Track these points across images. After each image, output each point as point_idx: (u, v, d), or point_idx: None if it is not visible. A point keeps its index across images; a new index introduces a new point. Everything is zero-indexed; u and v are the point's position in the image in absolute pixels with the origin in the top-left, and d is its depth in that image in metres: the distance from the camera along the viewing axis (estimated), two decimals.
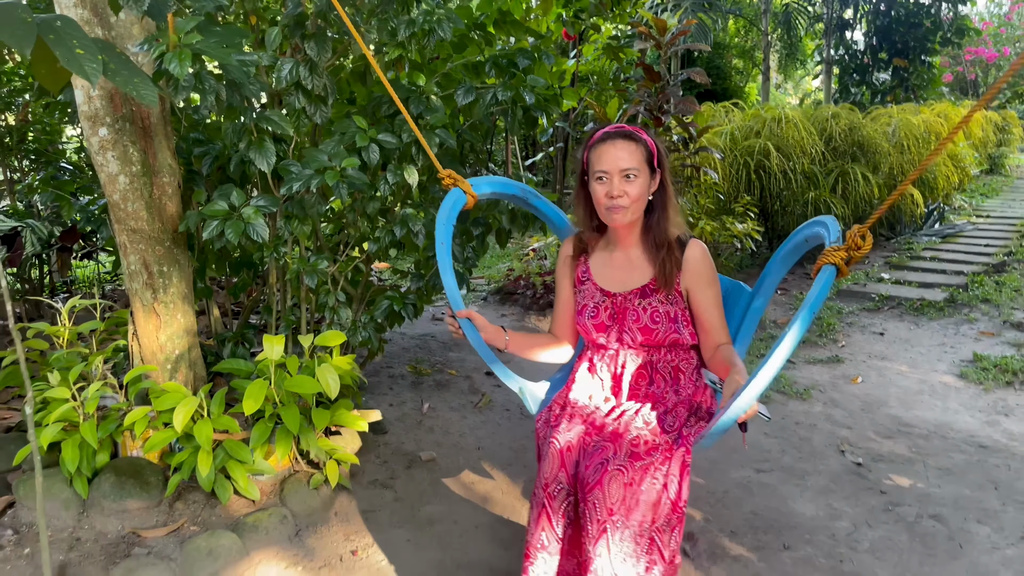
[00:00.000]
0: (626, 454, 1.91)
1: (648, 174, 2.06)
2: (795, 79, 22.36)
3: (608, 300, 2.17)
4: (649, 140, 2.07)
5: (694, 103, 5.34)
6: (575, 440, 2.00)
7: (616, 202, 2.03)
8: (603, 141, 2.06)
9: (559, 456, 1.97)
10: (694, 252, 2.11)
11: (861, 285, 6.31)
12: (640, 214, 2.11)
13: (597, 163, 2.05)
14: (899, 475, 3.15)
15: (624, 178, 2.02)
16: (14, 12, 1.90)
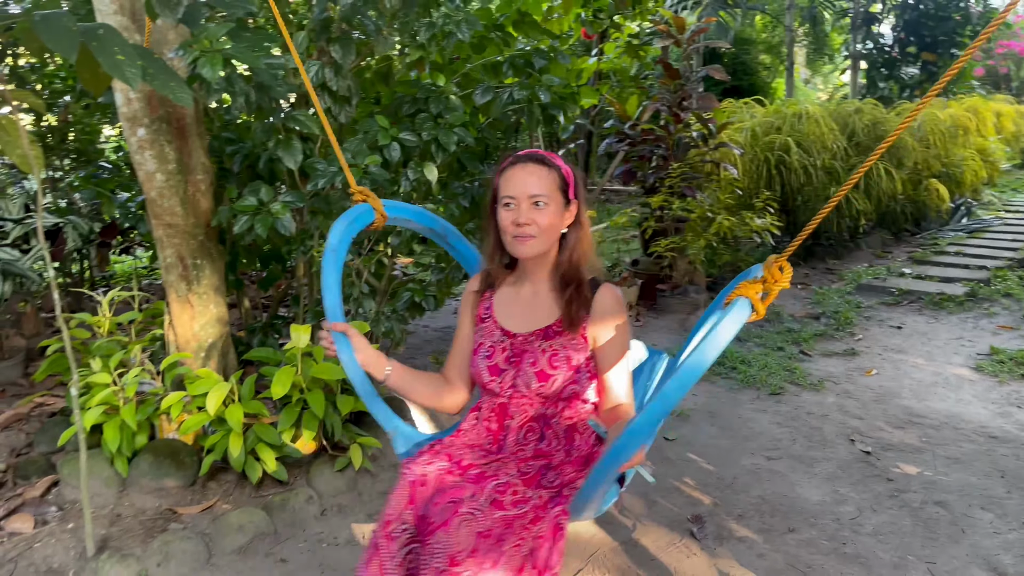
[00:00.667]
0: (487, 499, 1.62)
1: (561, 203, 1.84)
2: (823, 74, 22.18)
3: (508, 340, 1.92)
4: (564, 167, 1.87)
5: (713, 100, 5.42)
6: (432, 475, 1.72)
7: (523, 230, 1.80)
8: (513, 165, 1.85)
9: (409, 489, 1.69)
10: (605, 296, 1.87)
11: (882, 280, 6.34)
12: (551, 247, 1.87)
13: (505, 188, 1.84)
14: (907, 463, 3.22)
15: (533, 205, 1.79)
16: (60, 22, 2.06)
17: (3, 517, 2.74)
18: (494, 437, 1.90)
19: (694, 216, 5.30)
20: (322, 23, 2.89)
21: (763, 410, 3.82)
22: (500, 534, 1.56)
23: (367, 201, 2.07)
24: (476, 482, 1.68)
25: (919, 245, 8.03)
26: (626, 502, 2.94)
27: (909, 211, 8.39)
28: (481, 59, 3.65)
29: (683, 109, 5.47)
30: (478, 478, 1.70)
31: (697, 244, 5.20)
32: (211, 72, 2.32)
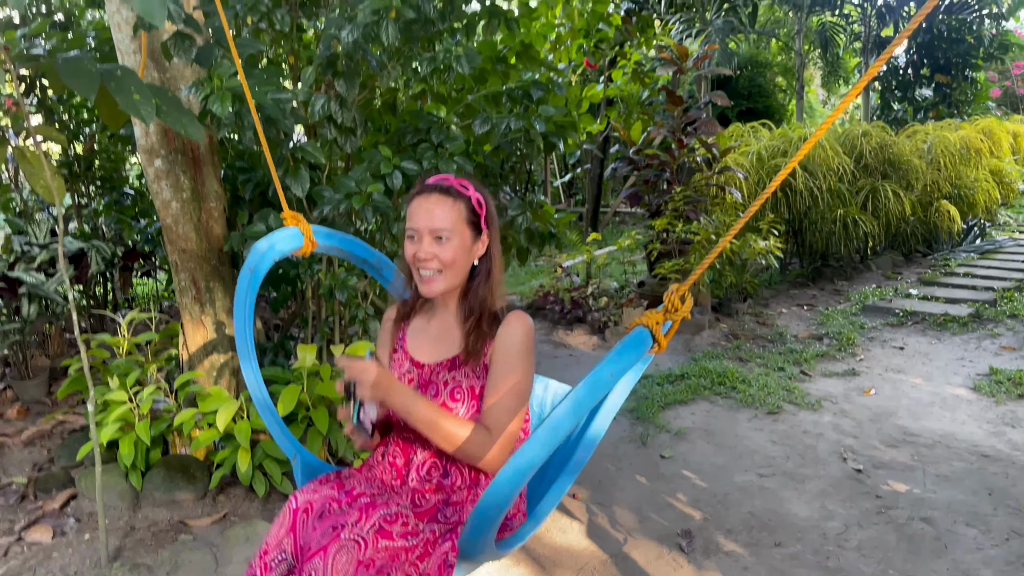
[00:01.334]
0: (373, 527, 1.54)
1: (469, 236, 1.75)
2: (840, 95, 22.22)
3: (416, 371, 1.84)
4: (474, 196, 1.76)
5: (716, 125, 5.54)
6: (318, 501, 1.66)
7: (425, 265, 1.73)
8: (419, 194, 1.77)
9: (291, 516, 1.63)
10: (510, 324, 1.76)
11: (887, 301, 6.39)
12: (458, 281, 1.79)
13: (409, 218, 1.76)
14: (897, 481, 3.29)
15: (435, 239, 1.71)
16: (81, 64, 2.23)
17: (24, 528, 2.89)
18: (398, 473, 1.81)
19: (698, 239, 5.41)
20: (328, 59, 3.05)
21: (760, 429, 3.90)
22: (383, 566, 1.50)
23: (296, 225, 2.05)
24: (364, 510, 1.59)
25: (930, 266, 8.06)
26: (618, 516, 3.04)
27: (920, 232, 8.43)
28: (484, 90, 3.80)
29: (687, 135, 5.60)
30: (367, 507, 1.62)
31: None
32: (220, 108, 2.49)
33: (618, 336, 5.53)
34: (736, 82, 15.20)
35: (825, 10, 13.32)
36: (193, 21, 2.50)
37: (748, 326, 5.85)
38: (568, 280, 6.51)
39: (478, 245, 1.78)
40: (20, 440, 3.66)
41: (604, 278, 6.92)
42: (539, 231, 3.67)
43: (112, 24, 2.97)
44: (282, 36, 3.34)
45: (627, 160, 5.82)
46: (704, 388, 4.46)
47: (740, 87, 15.25)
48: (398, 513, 1.61)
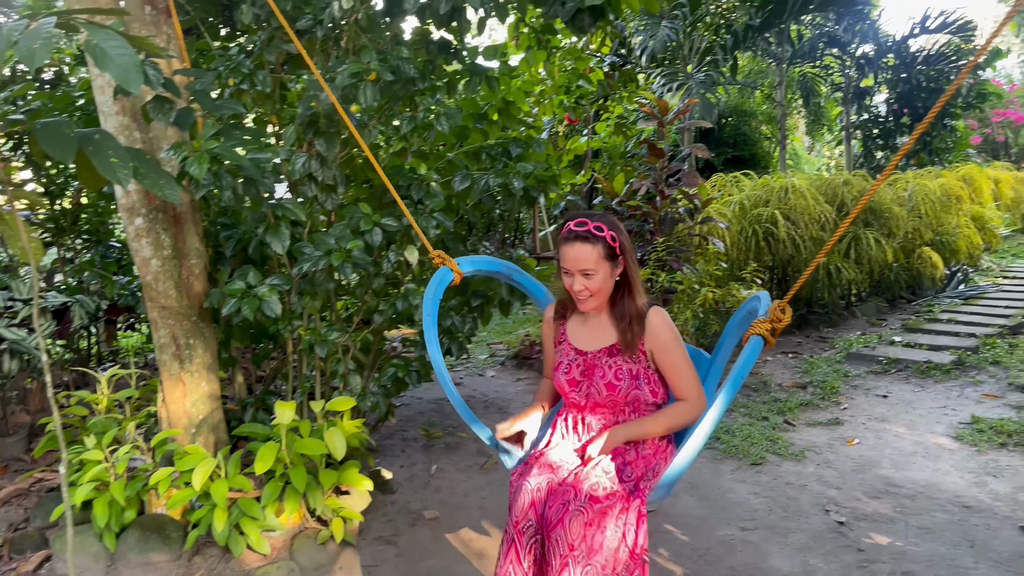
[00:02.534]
0: (586, 497, 2.08)
1: (609, 267, 2.28)
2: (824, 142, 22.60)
3: (580, 358, 2.39)
4: (608, 235, 2.26)
5: (697, 177, 5.63)
6: (544, 484, 2.18)
7: (579, 295, 2.30)
8: (566, 240, 2.29)
9: (530, 496, 2.15)
10: (654, 319, 2.33)
11: (871, 348, 6.42)
12: (605, 296, 2.34)
13: (563, 260, 2.30)
14: (879, 533, 3.28)
15: (584, 275, 2.26)
16: (59, 129, 2.27)
17: None
18: (580, 443, 2.37)
19: (682, 288, 5.45)
20: (308, 119, 3.11)
21: (743, 480, 3.89)
22: (600, 522, 2.05)
23: (445, 263, 2.57)
24: (573, 486, 2.13)
25: (914, 312, 8.11)
26: None
27: (904, 279, 8.52)
28: (465, 146, 3.86)
29: (669, 185, 5.68)
30: (575, 483, 2.15)
31: (684, 315, 5.33)
32: (198, 170, 2.52)
33: None
34: (721, 131, 15.43)
35: (806, 62, 13.62)
36: (172, 85, 2.55)
37: None
38: None
39: (617, 269, 2.32)
40: None
41: None
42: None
43: (95, 86, 3.02)
44: (264, 97, 3.40)
45: (610, 211, 5.88)
46: None
47: (726, 136, 15.48)
48: (596, 482, 2.13)
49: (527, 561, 2.11)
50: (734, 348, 2.54)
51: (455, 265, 2.59)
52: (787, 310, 1.97)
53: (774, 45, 11.47)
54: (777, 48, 11.48)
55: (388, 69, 2.94)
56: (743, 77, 15.59)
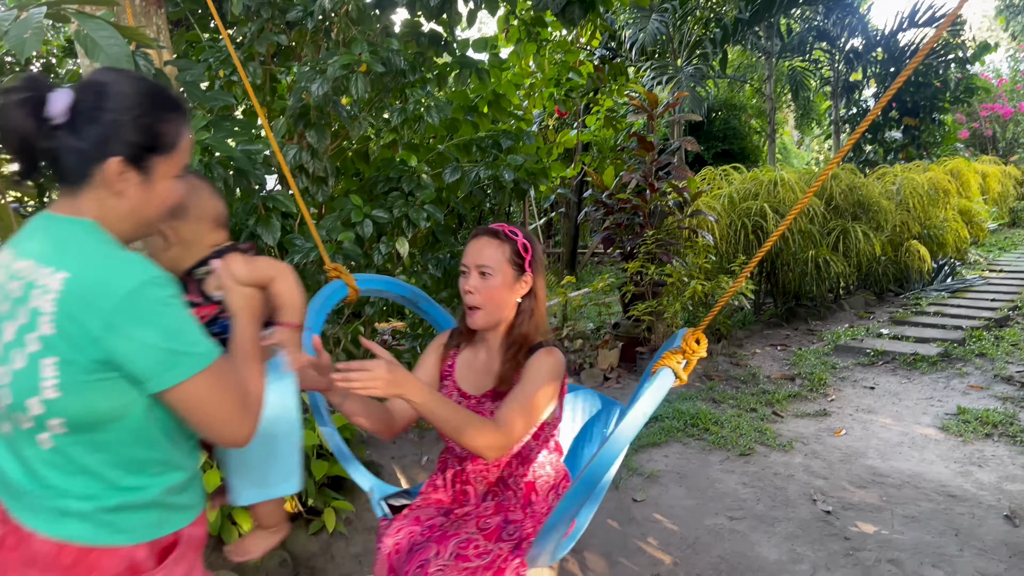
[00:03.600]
0: (452, 555, 1.76)
1: (512, 275, 1.94)
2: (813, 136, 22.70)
3: (464, 401, 2.02)
4: (521, 241, 1.96)
5: (686, 170, 5.65)
6: (404, 540, 1.88)
7: (468, 298, 1.94)
8: (474, 237, 2.00)
9: (385, 561, 1.86)
10: (538, 355, 1.93)
11: (859, 340, 6.48)
12: (503, 317, 1.98)
13: (464, 257, 1.99)
14: (865, 522, 3.32)
15: (480, 274, 1.93)
16: None
17: None
18: (457, 499, 2.04)
19: (671, 280, 5.48)
20: (299, 111, 3.12)
21: (731, 471, 3.93)
22: None
23: (340, 277, 2.26)
24: (440, 541, 1.80)
25: (901, 305, 8.18)
26: (589, 562, 3.04)
27: (892, 272, 8.58)
28: (456, 138, 3.88)
29: (659, 179, 5.71)
30: (441, 537, 1.83)
31: (673, 308, 5.37)
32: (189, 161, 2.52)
33: (594, 378, 5.56)
34: (711, 124, 15.48)
35: (795, 56, 13.67)
36: (163, 76, 2.55)
37: (722, 367, 5.90)
38: None
39: (520, 284, 1.97)
40: None
41: (580, 320, 6.96)
42: None
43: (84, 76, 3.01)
44: (254, 88, 3.40)
45: (600, 204, 5.91)
46: (677, 430, 4.49)
47: (715, 129, 15.53)
48: (469, 539, 1.82)
49: None
50: None
51: (352, 280, 2.29)
52: (701, 340, 1.66)
53: (763, 39, 11.51)
54: (766, 42, 11.52)
55: (379, 61, 2.95)
56: (732, 71, 15.63)
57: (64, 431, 1.17)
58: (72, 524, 1.19)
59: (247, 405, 1.29)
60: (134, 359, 1.14)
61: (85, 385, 1.14)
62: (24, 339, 1.14)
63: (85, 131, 1.19)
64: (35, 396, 1.14)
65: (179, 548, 1.30)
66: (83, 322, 1.12)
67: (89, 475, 1.20)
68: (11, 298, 1.18)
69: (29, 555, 1.19)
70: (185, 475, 1.32)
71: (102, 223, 1.23)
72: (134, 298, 1.13)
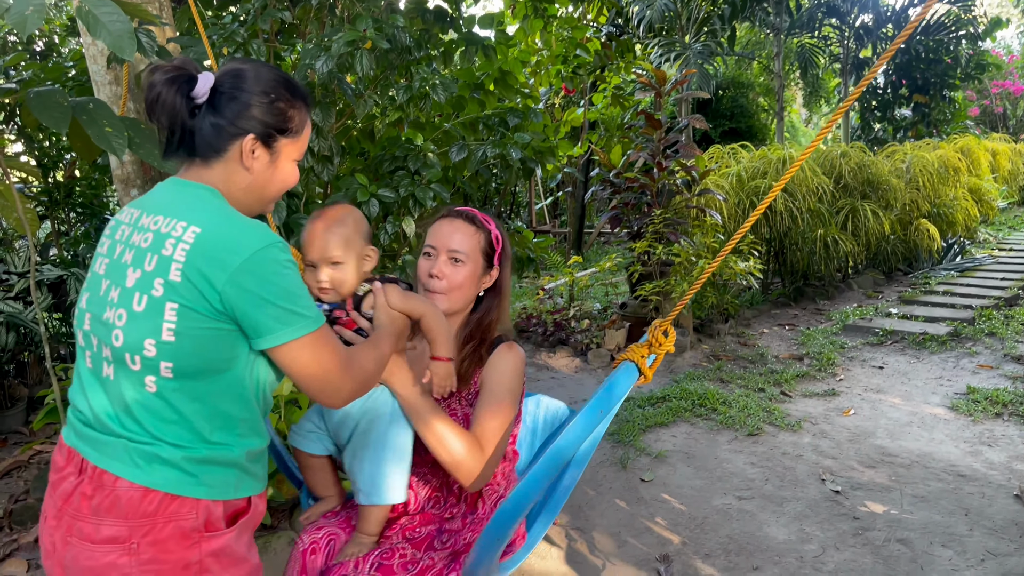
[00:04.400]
0: (372, 567, 1.57)
1: (481, 265, 1.80)
2: (821, 115, 22.50)
3: None
4: (495, 232, 1.84)
5: (694, 148, 5.60)
6: (322, 540, 1.72)
7: (433, 283, 1.76)
8: (444, 217, 1.85)
9: (300, 560, 1.70)
10: (501, 353, 1.77)
11: (867, 320, 6.44)
12: (462, 308, 1.83)
13: (429, 237, 1.82)
14: (874, 502, 3.31)
15: (450, 260, 1.76)
16: (52, 97, 2.25)
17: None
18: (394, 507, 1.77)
19: (679, 260, 5.44)
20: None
21: (739, 451, 3.92)
22: None
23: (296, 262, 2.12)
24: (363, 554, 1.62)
25: (910, 284, 8.13)
26: (597, 542, 3.04)
27: (901, 251, 8.52)
28: (462, 117, 3.84)
29: (667, 157, 5.66)
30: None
31: (680, 287, 5.33)
32: None
33: (600, 359, 5.55)
34: (719, 103, 15.36)
35: (804, 32, 13.51)
36: (166, 53, 2.52)
37: (729, 347, 5.88)
38: (551, 302, 6.53)
39: (487, 277, 1.85)
40: None
41: (587, 300, 6.94)
42: (518, 256, 3.69)
43: (88, 56, 2.98)
44: None
45: (607, 183, 5.87)
46: (685, 410, 4.48)
47: (723, 108, 15.41)
48: (393, 548, 1.64)
49: None
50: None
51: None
52: (670, 332, 1.55)
53: (772, 15, 11.37)
54: (775, 18, 11.38)
55: (384, 38, 2.91)
56: (741, 48, 15.48)
57: (169, 376, 1.24)
58: (162, 470, 1.24)
59: (352, 374, 1.36)
60: (253, 314, 1.22)
61: (200, 333, 1.22)
62: (151, 283, 1.22)
63: (225, 110, 1.32)
64: (151, 338, 1.22)
65: (248, 515, 1.36)
66: (209, 274, 1.20)
67: (183, 424, 1.26)
68: (137, 247, 1.27)
69: (110, 501, 1.23)
70: (263, 443, 1.39)
71: (226, 195, 1.34)
72: (259, 258, 1.22)
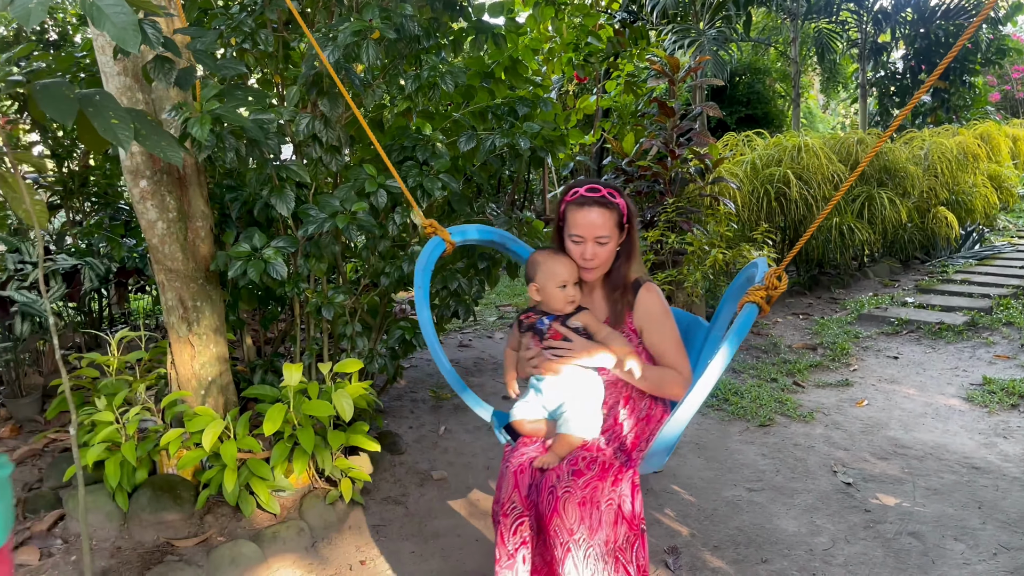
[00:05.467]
0: (569, 473, 2.04)
1: (618, 235, 2.25)
2: (839, 100, 22.24)
3: None
4: (622, 203, 2.24)
5: (708, 136, 5.54)
6: (527, 462, 2.16)
7: (588, 263, 2.23)
8: (581, 205, 2.22)
9: (512, 478, 2.13)
10: (645, 294, 2.29)
11: (883, 309, 6.38)
12: (609, 265, 2.29)
13: (573, 226, 2.23)
14: (886, 494, 3.28)
15: (597, 243, 2.20)
16: (59, 90, 2.25)
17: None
18: None
19: (692, 249, 5.40)
20: (312, 79, 3.07)
21: (751, 442, 3.89)
22: (592, 498, 1.99)
23: (437, 233, 2.52)
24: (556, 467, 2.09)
25: (927, 273, 8.04)
26: None
27: (918, 239, 8.43)
28: (472, 106, 3.81)
29: (680, 145, 5.60)
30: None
31: (693, 277, 5.29)
32: (200, 131, 2.50)
33: None
34: (735, 89, 15.18)
35: (821, 17, 13.32)
36: (172, 45, 2.51)
37: None
38: None
39: (622, 237, 2.28)
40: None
41: None
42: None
43: (96, 47, 2.99)
44: (266, 56, 3.36)
45: (620, 171, 5.82)
46: None
47: (739, 94, 15.23)
48: (577, 455, 2.11)
49: (512, 543, 2.08)
50: (731, 317, 2.46)
51: (447, 235, 2.53)
52: (783, 277, 1.88)
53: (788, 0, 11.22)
54: (791, 3, 11.22)
55: (392, 27, 2.88)
56: (756, 34, 15.29)
57: None
58: None
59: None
60: None
61: None
62: None
63: None
64: None
65: None
66: None
67: None
68: None
69: None
70: None
71: None
72: None
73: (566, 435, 2.17)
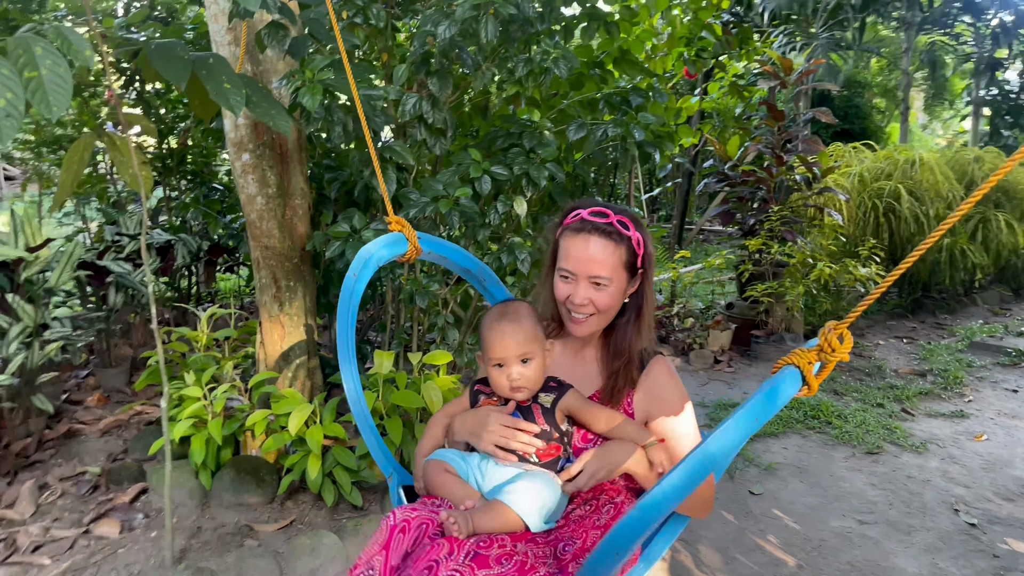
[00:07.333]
0: (468, 555, 1.38)
1: (625, 279, 1.66)
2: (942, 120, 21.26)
3: None
4: (635, 237, 1.65)
5: (818, 143, 5.25)
6: (414, 520, 1.47)
7: (579, 310, 1.65)
8: (578, 231, 1.64)
9: (387, 534, 1.44)
10: (656, 371, 1.69)
11: (997, 338, 5.95)
12: (608, 321, 1.70)
13: (565, 257, 1.66)
14: (1017, 539, 2.97)
15: (593, 284, 1.62)
16: (173, 51, 2.17)
17: (92, 521, 2.86)
18: None
19: (794, 261, 5.12)
20: (422, 56, 2.95)
21: (858, 469, 3.61)
22: None
23: (402, 231, 1.95)
24: (453, 539, 1.42)
25: None
26: (703, 556, 2.82)
27: None
28: (579, 96, 3.65)
29: (786, 151, 5.32)
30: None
31: (796, 290, 5.01)
32: (311, 101, 2.40)
33: (703, 360, 5.27)
34: (831, 102, 14.63)
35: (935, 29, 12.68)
36: (288, 11, 2.42)
37: None
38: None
39: (632, 286, 1.69)
40: (97, 429, 3.66)
41: (689, 298, 6.66)
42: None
43: (208, 16, 2.93)
44: (376, 32, 3.26)
45: (721, 176, 5.57)
46: (796, 421, 4.18)
47: (836, 107, 14.66)
48: (492, 538, 1.44)
49: None
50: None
51: (415, 237, 1.95)
52: (846, 337, 1.21)
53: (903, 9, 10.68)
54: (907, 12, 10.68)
55: (511, 4, 2.74)
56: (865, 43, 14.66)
57: None
58: None
59: None
60: None
61: None
62: None
63: None
64: None
65: None
66: None
67: None
68: None
69: None
70: None
71: None
72: None
73: (503, 505, 1.49)
